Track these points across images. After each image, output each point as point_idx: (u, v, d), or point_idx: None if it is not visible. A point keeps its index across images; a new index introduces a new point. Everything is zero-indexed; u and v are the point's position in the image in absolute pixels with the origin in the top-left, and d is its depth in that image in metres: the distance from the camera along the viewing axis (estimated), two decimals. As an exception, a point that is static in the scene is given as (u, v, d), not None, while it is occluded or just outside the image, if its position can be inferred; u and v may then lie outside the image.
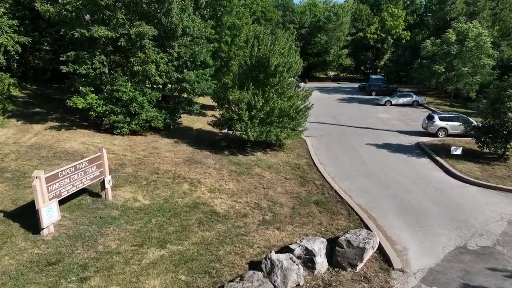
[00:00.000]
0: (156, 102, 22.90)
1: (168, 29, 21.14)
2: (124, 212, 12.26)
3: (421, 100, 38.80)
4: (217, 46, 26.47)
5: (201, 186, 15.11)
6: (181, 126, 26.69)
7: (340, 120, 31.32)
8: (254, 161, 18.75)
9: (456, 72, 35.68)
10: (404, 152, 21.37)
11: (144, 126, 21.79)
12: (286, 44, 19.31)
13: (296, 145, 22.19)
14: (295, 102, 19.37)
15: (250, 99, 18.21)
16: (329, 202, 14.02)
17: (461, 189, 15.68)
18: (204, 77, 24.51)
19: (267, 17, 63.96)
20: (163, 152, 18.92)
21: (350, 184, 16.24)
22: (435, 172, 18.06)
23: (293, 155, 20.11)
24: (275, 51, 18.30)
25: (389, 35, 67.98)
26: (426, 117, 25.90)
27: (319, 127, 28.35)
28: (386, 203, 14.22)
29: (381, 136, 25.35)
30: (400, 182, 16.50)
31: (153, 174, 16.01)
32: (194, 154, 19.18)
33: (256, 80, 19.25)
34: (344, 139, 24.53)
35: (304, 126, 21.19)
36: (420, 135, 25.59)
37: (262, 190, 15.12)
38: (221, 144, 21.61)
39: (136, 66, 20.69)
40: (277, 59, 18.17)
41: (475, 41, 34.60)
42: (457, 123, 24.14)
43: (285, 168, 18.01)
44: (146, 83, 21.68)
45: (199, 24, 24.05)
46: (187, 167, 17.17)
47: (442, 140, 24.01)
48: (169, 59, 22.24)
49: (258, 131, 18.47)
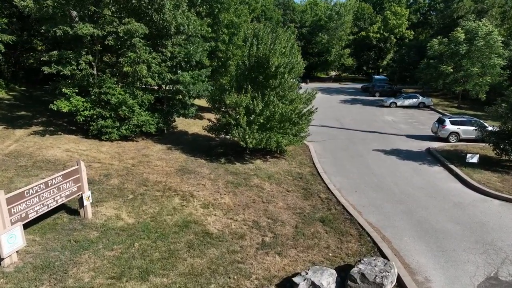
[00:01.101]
0: (148, 105, 21.40)
1: (161, 27, 19.62)
2: (104, 234, 10.74)
3: (427, 101, 37.27)
4: (214, 45, 24.96)
5: (193, 201, 13.59)
6: (176, 130, 25.19)
7: (344, 123, 29.80)
8: (253, 170, 17.23)
9: (465, 72, 34.13)
10: (415, 159, 19.85)
11: (134, 131, 20.28)
12: (287, 43, 17.79)
13: (298, 151, 20.67)
14: (298, 105, 17.85)
15: (249, 102, 16.69)
16: (337, 220, 12.50)
17: (482, 204, 14.14)
18: (200, 78, 23.02)
19: (268, 15, 62.49)
20: (153, 161, 17.40)
21: (359, 197, 14.71)
22: (451, 183, 16.53)
23: (295, 163, 18.59)
24: (276, 51, 16.78)
25: (392, 34, 66.47)
26: (437, 121, 24.37)
27: (322, 131, 26.84)
28: (400, 221, 12.69)
29: (388, 141, 23.83)
30: (413, 195, 14.97)
31: (141, 186, 14.49)
32: (188, 162, 17.66)
33: (255, 82, 17.74)
34: (349, 144, 23.00)
35: (307, 131, 19.66)
36: (430, 139, 24.07)
37: (261, 205, 13.60)
38: (218, 150, 20.10)
39: (126, 67, 19.19)
40: (278, 59, 16.66)
41: (485, 40, 33.04)
42: (470, 128, 22.63)
43: (287, 178, 16.50)
44: (138, 85, 20.16)
45: (195, 21, 22.53)
46: (179, 178, 15.66)
47: (454, 145, 22.48)
48: (162, 59, 20.74)
49: (257, 137, 16.95)
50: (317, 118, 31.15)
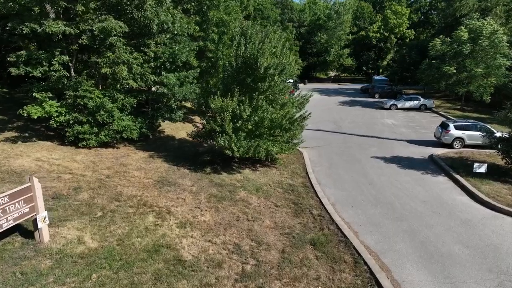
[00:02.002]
0: (131, 109, 19.94)
1: (142, 25, 18.15)
2: (58, 263, 9.26)
3: (429, 103, 35.78)
4: (202, 45, 23.48)
5: (169, 218, 12.12)
6: (163, 135, 23.72)
7: (342, 126, 28.32)
8: (240, 181, 15.76)
9: (468, 73, 32.64)
10: (417, 167, 18.37)
11: (115, 137, 18.81)
12: (278, 42, 16.32)
13: (291, 158, 19.19)
14: (289, 110, 16.37)
15: (235, 107, 15.22)
16: (329, 242, 11.02)
17: (493, 222, 12.66)
18: (188, 80, 21.56)
19: (265, 14, 60.95)
20: (131, 171, 15.93)
21: (355, 213, 13.23)
22: (457, 195, 15.05)
23: (287, 173, 17.11)
24: (265, 51, 15.31)
25: (392, 34, 64.96)
26: (440, 125, 22.87)
27: (318, 135, 25.37)
28: (401, 243, 11.21)
29: (388, 147, 22.35)
30: (416, 211, 13.49)
31: (113, 201, 13.02)
32: (169, 172, 16.19)
33: (243, 85, 16.27)
34: (346, 150, 21.52)
35: (300, 138, 18.18)
36: (433, 145, 22.59)
37: (245, 224, 12.12)
38: (204, 158, 18.63)
39: (105, 68, 17.74)
40: (267, 60, 15.20)
41: (489, 39, 31.55)
42: (476, 133, 21.15)
43: (277, 190, 15.01)
44: (124, 87, 18.68)
45: (181, 19, 21.08)
46: (157, 191, 14.18)
47: (458, 152, 20.99)
48: (145, 59, 19.29)
49: (244, 145, 15.48)
50: (314, 121, 29.68)
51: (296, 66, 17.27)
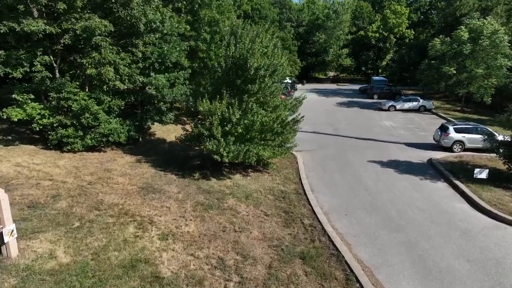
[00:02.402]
0: (119, 111, 19.24)
1: (128, 24, 17.44)
2: (23, 282, 8.55)
3: (428, 105, 35.03)
4: (193, 45, 22.75)
5: (151, 229, 11.40)
6: (153, 138, 23.01)
7: (339, 128, 27.59)
8: (230, 188, 15.04)
9: (469, 74, 31.89)
10: (415, 172, 17.64)
11: (101, 141, 18.10)
12: (269, 42, 15.59)
13: (284, 163, 18.46)
14: (281, 113, 15.64)
15: (224, 110, 14.50)
16: (320, 256, 10.30)
17: (495, 232, 11.93)
18: (179, 81, 20.85)
19: (262, 14, 60.20)
20: (115, 177, 15.21)
21: (349, 223, 12.51)
22: (457, 203, 14.32)
23: (279, 178, 16.38)
24: (255, 51, 14.58)
25: (391, 33, 64.17)
26: (439, 128, 22.13)
27: (314, 138, 24.64)
28: (398, 256, 10.49)
29: (385, 150, 21.62)
30: (414, 220, 12.77)
31: (92, 210, 12.31)
32: (155, 178, 15.47)
33: (233, 87, 15.55)
34: (342, 154, 20.79)
35: (293, 141, 17.45)
36: (432, 148, 21.86)
37: (232, 235, 11.40)
38: (194, 162, 17.92)
39: (90, 69, 17.04)
40: (258, 61, 14.46)
41: (490, 39, 30.80)
42: (476, 136, 20.40)
43: (267, 198, 14.29)
44: (113, 88, 17.96)
45: (172, 18, 20.37)
46: (140, 199, 13.46)
47: (458, 156, 20.26)
48: (133, 60, 18.58)
49: (234, 150, 14.75)
50: (310, 123, 28.98)
51: (289, 67, 16.38)
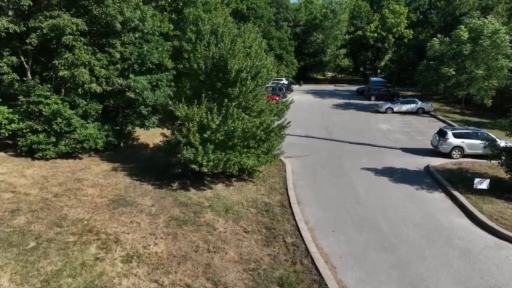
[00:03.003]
0: (98, 115, 18.13)
1: (103, 22, 16.31)
2: (-46, 318, 7.42)
3: (427, 107, 33.88)
4: (178, 45, 21.60)
5: (115, 249, 10.26)
6: (136, 143, 21.88)
7: (333, 132, 26.43)
8: (209, 200, 13.89)
9: (468, 75, 30.74)
10: (411, 181, 16.49)
11: (76, 147, 16.96)
12: (253, 42, 14.45)
13: (271, 171, 17.29)
14: (266, 118, 14.50)
15: (202, 116, 13.35)
16: (301, 283, 9.15)
17: (497, 253, 10.77)
18: (162, 84, 19.71)
19: (258, 14, 59.10)
20: (85, 188, 14.07)
21: (337, 241, 11.35)
22: (455, 217, 13.16)
23: (265, 189, 15.22)
24: (237, 52, 13.43)
25: (390, 33, 62.99)
26: (437, 133, 20.96)
27: (306, 142, 23.47)
28: (389, 283, 9.33)
29: (381, 156, 20.46)
30: (407, 237, 11.61)
31: (53, 227, 11.18)
32: (129, 189, 14.31)
33: (214, 90, 14.41)
34: (335, 160, 19.63)
35: (280, 148, 16.30)
36: (429, 154, 20.70)
37: (205, 256, 10.25)
38: (175, 171, 16.78)
39: (62, 71, 15.91)
40: (239, 62, 13.32)
41: (491, 39, 29.66)
42: (476, 141, 19.27)
43: (249, 211, 13.13)
44: (80, 91, 16.81)
45: (154, 17, 19.22)
46: (109, 213, 12.32)
47: (457, 163, 19.11)
48: (110, 61, 17.44)
49: (214, 159, 13.61)
50: (303, 126, 27.88)
51: (275, 69, 15.17)
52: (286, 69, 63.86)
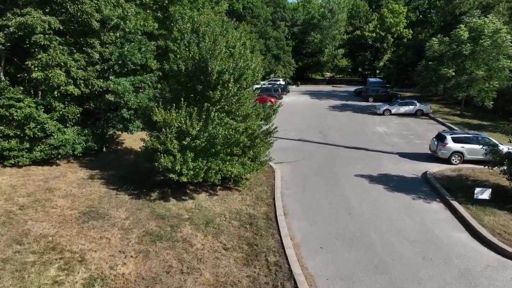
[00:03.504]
0: (79, 119, 17.15)
1: (79, 20, 15.33)
2: None
3: (426, 109, 32.86)
4: (163, 44, 20.62)
5: (78, 271, 9.28)
6: (120, 147, 20.91)
7: (328, 135, 25.42)
8: (190, 211, 12.91)
9: (469, 76, 29.74)
10: (408, 190, 15.50)
11: (51, 154, 15.98)
12: (237, 42, 13.46)
13: (259, 178, 16.30)
14: (251, 124, 13.52)
15: (181, 122, 12.37)
16: (280, 312, 8.18)
17: (500, 274, 9.78)
18: (146, 85, 18.74)
19: (255, 13, 58.12)
20: (56, 198, 13.09)
21: (324, 260, 10.37)
22: (454, 231, 12.17)
23: (250, 198, 14.23)
24: (218, 52, 12.44)
25: (389, 33, 61.93)
26: (436, 137, 19.94)
27: (299, 146, 22.48)
28: (378, 311, 8.36)
29: (377, 162, 19.47)
30: (402, 255, 10.63)
31: (13, 244, 10.21)
32: (104, 200, 13.33)
33: (195, 93, 13.43)
34: (328, 167, 18.63)
35: (268, 155, 15.32)
36: (427, 159, 19.70)
37: (176, 278, 9.27)
38: (156, 178, 15.79)
39: (36, 72, 14.94)
40: (221, 64, 12.34)
41: (491, 39, 28.66)
42: (477, 146, 18.25)
43: (231, 224, 12.15)
44: (56, 94, 15.82)
45: (137, 15, 18.24)
46: (77, 228, 11.34)
47: (457, 169, 18.12)
48: (89, 61, 16.47)
49: (194, 167, 12.62)
50: (298, 129, 26.91)
51: (261, 71, 14.09)
52: (284, 69, 62.93)
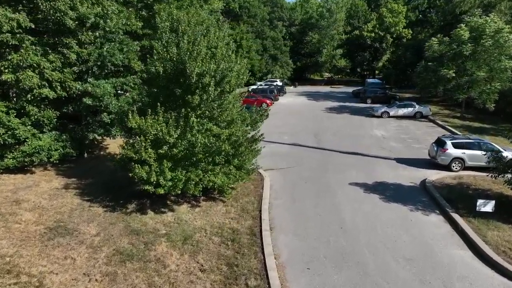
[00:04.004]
0: (55, 124, 16.14)
1: (53, 19, 14.32)
2: None
3: (425, 111, 31.81)
4: (147, 44, 19.63)
5: (33, 298, 8.26)
6: (103, 153, 19.87)
7: (323, 139, 24.38)
8: (168, 225, 11.89)
9: (469, 77, 28.71)
10: (405, 200, 14.48)
11: (24, 161, 14.96)
12: (220, 41, 12.43)
13: (247, 187, 15.28)
14: (235, 130, 12.50)
15: (157, 129, 11.36)
16: None
17: (506, 301, 8.78)
18: (128, 88, 17.73)
19: (251, 13, 57.11)
20: (22, 211, 12.08)
21: (310, 283, 9.34)
22: (455, 248, 11.15)
23: (235, 210, 13.22)
24: (197, 52, 11.42)
25: (388, 33, 60.91)
26: (435, 142, 18.90)
27: (292, 151, 21.46)
28: None
29: (373, 168, 18.45)
30: (397, 278, 9.61)
31: (-36, 266, 9.18)
32: (75, 213, 12.31)
33: (175, 98, 12.42)
34: (321, 174, 17.61)
35: (255, 163, 14.30)
36: (426, 166, 18.68)
37: (143, 307, 8.26)
38: (136, 187, 14.70)
39: (6, 74, 13.93)
40: (201, 66, 11.32)
41: (493, 38, 27.64)
42: (478, 152, 17.25)
43: (211, 241, 11.13)
44: (29, 98, 14.81)
45: (120, 13, 17.23)
46: (41, 246, 10.33)
47: (457, 176, 17.09)
48: (65, 62, 15.46)
49: (172, 178, 11.61)
50: (292, 132, 25.90)
51: (246, 73, 13.01)
52: (281, 70, 61.96)
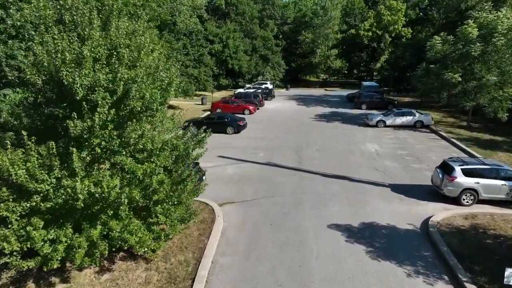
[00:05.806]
0: None
1: None
2: None
3: (426, 120, 27.84)
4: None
5: None
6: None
7: (304, 157, 20.38)
8: (46, 312, 7.99)
9: (478, 81, 24.79)
10: (400, 255, 10.56)
11: None
12: (123, 39, 8.50)
13: (189, 234, 11.35)
14: (156, 166, 8.57)
15: (29, 170, 7.45)
16: None
17: None
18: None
19: (239, 10, 53.17)
20: None
21: None
22: None
23: (159, 277, 9.28)
24: (86, 56, 7.52)
25: (386, 32, 57.07)
26: (440, 167, 14.86)
27: (265, 174, 17.52)
28: None
29: (361, 200, 14.52)
30: None
31: None
32: None
33: (55, 122, 8.49)
34: (294, 209, 13.68)
35: (191, 209, 10.37)
36: (429, 197, 14.76)
37: None
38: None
39: None
40: (87, 76, 7.41)
41: (506, 37, 23.72)
42: (496, 182, 13.37)
43: None
44: None
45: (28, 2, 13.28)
46: None
47: (470, 214, 13.16)
48: None
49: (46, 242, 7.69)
50: (270, 148, 21.96)
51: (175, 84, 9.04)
52: (272, 71, 58.06)
